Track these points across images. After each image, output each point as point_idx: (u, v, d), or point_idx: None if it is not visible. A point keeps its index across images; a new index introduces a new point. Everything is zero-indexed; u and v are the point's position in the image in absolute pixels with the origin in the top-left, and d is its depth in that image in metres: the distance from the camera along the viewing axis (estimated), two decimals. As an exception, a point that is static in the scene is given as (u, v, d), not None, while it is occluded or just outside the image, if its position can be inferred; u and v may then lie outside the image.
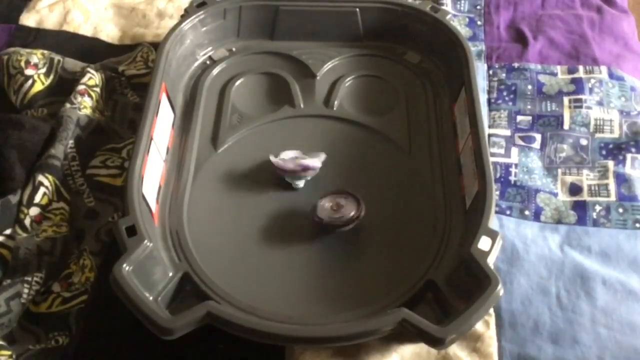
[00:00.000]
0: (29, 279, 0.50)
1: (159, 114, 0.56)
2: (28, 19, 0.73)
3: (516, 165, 0.60)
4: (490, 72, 0.68)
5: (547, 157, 0.60)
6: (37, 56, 0.66)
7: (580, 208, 0.56)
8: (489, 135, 0.61)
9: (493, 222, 0.49)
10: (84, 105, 0.62)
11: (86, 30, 0.72)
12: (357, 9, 0.67)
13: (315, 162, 0.55)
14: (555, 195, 0.57)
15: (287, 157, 0.55)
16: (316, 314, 0.48)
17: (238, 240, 0.53)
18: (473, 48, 0.63)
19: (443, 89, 0.64)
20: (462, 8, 0.75)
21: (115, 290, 0.45)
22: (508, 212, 0.56)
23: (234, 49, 0.68)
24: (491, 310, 0.49)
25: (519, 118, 0.63)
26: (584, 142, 0.61)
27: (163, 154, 0.57)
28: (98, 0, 0.75)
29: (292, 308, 0.49)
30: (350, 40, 0.68)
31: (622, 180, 0.57)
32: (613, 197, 0.57)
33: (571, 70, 0.67)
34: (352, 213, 0.52)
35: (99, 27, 0.73)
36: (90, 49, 0.69)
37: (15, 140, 0.57)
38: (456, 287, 0.47)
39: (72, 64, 0.67)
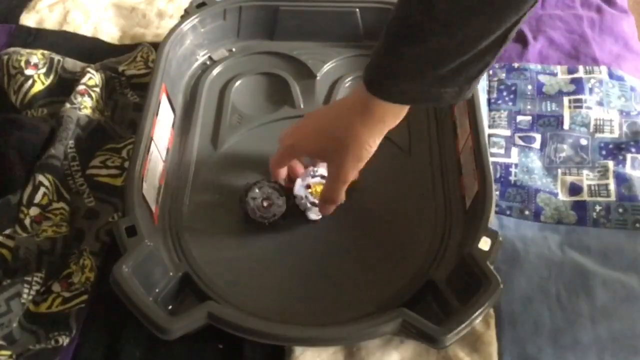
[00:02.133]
0: (29, 278, 0.50)
1: (159, 114, 0.56)
2: (28, 19, 0.72)
3: (516, 165, 0.59)
4: (490, 72, 0.68)
5: (547, 157, 0.60)
6: (37, 56, 0.66)
7: (580, 208, 0.56)
8: (489, 136, 0.61)
9: (493, 222, 0.49)
10: (84, 105, 0.61)
11: (86, 30, 0.72)
12: (357, 9, 0.67)
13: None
14: (555, 195, 0.57)
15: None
16: (316, 314, 0.48)
17: (238, 240, 0.53)
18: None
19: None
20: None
21: (115, 291, 0.45)
22: (508, 212, 0.56)
23: (234, 49, 0.68)
24: (491, 310, 0.49)
25: (519, 118, 0.63)
26: (583, 142, 0.61)
27: (163, 154, 0.57)
28: (98, 0, 0.75)
29: (293, 308, 0.49)
30: (350, 41, 0.68)
31: (622, 180, 0.57)
32: (613, 197, 0.56)
33: (571, 70, 0.67)
34: (277, 212, 0.53)
35: (99, 27, 0.72)
36: (90, 49, 0.69)
37: (15, 140, 0.57)
38: (456, 287, 0.47)
39: (72, 64, 0.66)
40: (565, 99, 0.64)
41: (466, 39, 0.40)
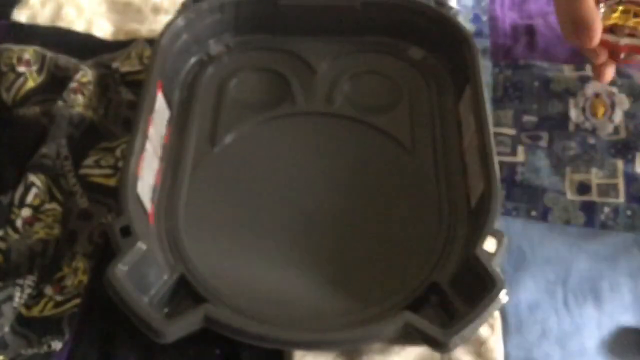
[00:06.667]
0: (21, 282, 0.49)
1: (154, 112, 0.55)
2: (20, 15, 0.71)
3: (522, 164, 0.58)
4: (496, 69, 0.67)
5: (554, 156, 0.59)
6: (29, 53, 0.64)
7: (589, 208, 0.55)
8: (494, 134, 0.60)
9: (499, 222, 0.48)
10: (77, 103, 0.60)
11: (79, 26, 0.71)
12: (359, 4, 0.65)
13: None
14: (564, 194, 0.56)
15: None
16: (317, 317, 0.47)
17: (236, 241, 0.52)
18: (478, 45, 0.62)
19: (447, 86, 0.63)
20: (466, 3, 0.73)
21: (109, 292, 0.44)
22: (514, 213, 0.55)
23: (231, 45, 0.67)
24: (497, 314, 0.48)
25: (525, 118, 0.62)
26: (591, 140, 0.60)
27: (159, 153, 0.56)
28: (91, -5, 0.73)
29: (292, 311, 0.48)
30: (352, 36, 0.67)
31: (632, 180, 0.56)
32: (622, 199, 0.55)
33: (578, 68, 0.66)
34: None
35: (93, 22, 0.71)
36: (83, 45, 0.68)
37: (6, 139, 0.56)
38: (461, 290, 0.46)
39: (64, 60, 0.65)
40: (572, 99, 0.63)
41: None
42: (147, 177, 0.52)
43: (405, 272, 0.49)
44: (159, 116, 0.56)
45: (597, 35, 0.44)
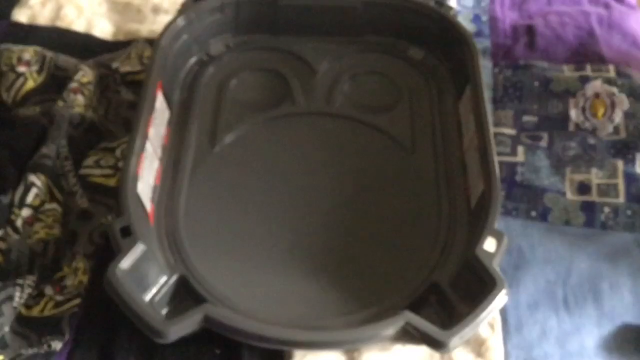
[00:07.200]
0: (21, 282, 0.49)
1: (154, 112, 0.55)
2: (20, 15, 0.71)
3: (522, 164, 0.58)
4: (496, 69, 0.67)
5: (554, 156, 0.59)
6: (29, 53, 0.65)
7: (589, 209, 0.55)
8: (494, 134, 0.60)
9: (499, 222, 0.48)
10: (77, 103, 0.60)
11: (79, 26, 0.71)
12: (360, 4, 0.66)
13: None
14: (563, 194, 0.56)
15: None
16: (317, 317, 0.47)
17: (236, 241, 0.52)
18: (478, 45, 0.62)
19: (447, 86, 0.63)
20: (466, 4, 0.73)
21: (109, 293, 0.44)
22: (514, 213, 0.55)
23: (231, 45, 0.67)
24: (497, 314, 0.48)
25: (525, 116, 0.62)
26: (591, 141, 0.60)
27: (159, 153, 0.56)
28: (91, -5, 0.73)
29: (292, 311, 0.48)
30: (352, 36, 0.67)
31: (632, 180, 0.56)
32: (622, 199, 0.55)
33: (578, 68, 0.66)
34: None
35: (92, 22, 0.71)
36: (83, 46, 0.68)
37: (6, 139, 0.56)
38: (461, 290, 0.46)
39: (64, 60, 0.65)
40: (572, 99, 0.63)
41: None
42: (147, 177, 0.52)
43: (405, 272, 0.49)
44: (159, 116, 0.56)
45: None
